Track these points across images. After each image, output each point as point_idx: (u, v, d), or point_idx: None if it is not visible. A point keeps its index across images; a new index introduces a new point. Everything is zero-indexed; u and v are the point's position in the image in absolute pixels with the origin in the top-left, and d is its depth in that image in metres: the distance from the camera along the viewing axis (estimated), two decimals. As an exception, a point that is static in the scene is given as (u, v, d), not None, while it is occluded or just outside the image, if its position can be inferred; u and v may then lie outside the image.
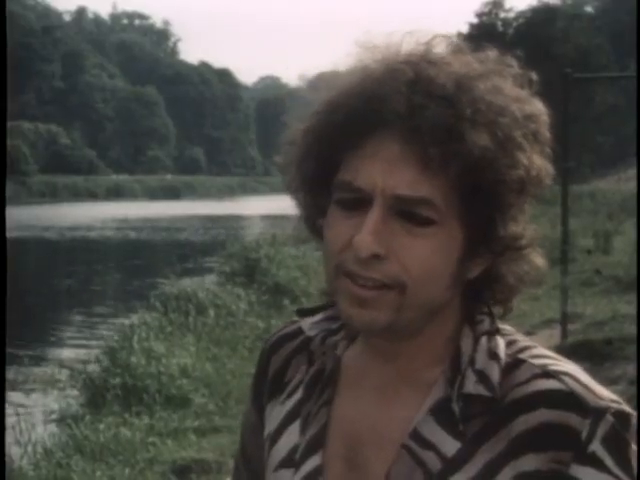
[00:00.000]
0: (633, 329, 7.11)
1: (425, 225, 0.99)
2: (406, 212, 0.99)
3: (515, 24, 51.04)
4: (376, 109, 1.00)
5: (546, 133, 1.04)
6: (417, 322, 1.04)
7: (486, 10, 52.11)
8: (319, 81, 1.10)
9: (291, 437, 1.15)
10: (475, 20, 50.92)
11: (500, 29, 49.87)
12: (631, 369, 6.72)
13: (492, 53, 1.05)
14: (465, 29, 46.40)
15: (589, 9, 71.47)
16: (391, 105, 0.99)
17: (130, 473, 6.29)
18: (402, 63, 1.01)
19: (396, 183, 0.99)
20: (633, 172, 20.05)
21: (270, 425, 1.19)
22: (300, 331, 1.21)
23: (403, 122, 0.98)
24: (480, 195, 1.00)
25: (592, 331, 8.49)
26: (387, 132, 1.00)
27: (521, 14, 52.09)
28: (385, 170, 0.99)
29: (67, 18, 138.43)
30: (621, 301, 9.82)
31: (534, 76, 1.05)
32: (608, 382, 6.53)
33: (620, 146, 38.72)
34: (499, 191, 1.00)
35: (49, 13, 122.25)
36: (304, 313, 1.22)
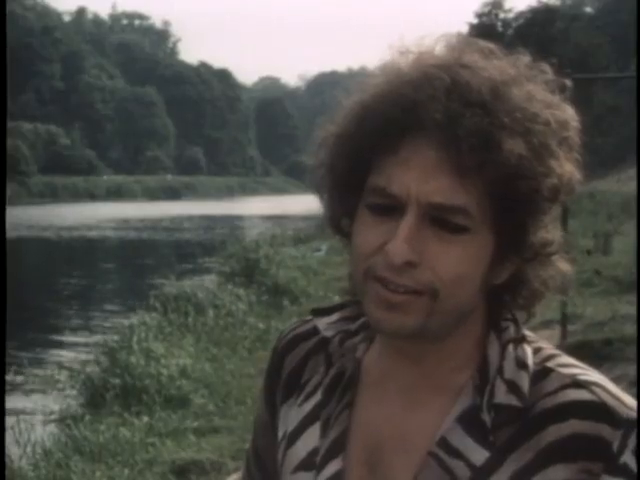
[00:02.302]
0: (633, 330, 7.11)
1: (458, 232, 0.99)
2: (439, 219, 0.99)
3: (515, 24, 51.10)
4: (413, 115, 0.99)
5: (576, 139, 1.04)
6: (446, 327, 1.03)
7: (486, 10, 52.20)
8: (351, 83, 1.09)
9: (310, 440, 1.13)
10: (475, 20, 51.00)
11: (500, 29, 49.92)
12: (631, 370, 6.71)
13: (524, 57, 1.04)
14: (465, 29, 46.40)
15: (589, 9, 71.54)
16: (428, 112, 0.98)
17: (129, 473, 6.29)
18: (437, 68, 1.00)
19: (431, 191, 0.98)
20: (633, 173, 20.08)
21: (286, 426, 1.17)
22: (315, 331, 1.19)
23: (440, 129, 0.98)
24: (514, 203, 0.99)
25: (592, 332, 8.49)
26: (423, 138, 0.99)
27: (521, 14, 52.18)
28: (420, 177, 0.98)
29: (67, 18, 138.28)
30: (621, 302, 9.82)
31: (567, 82, 1.05)
32: (608, 383, 6.51)
33: (620, 147, 38.73)
34: (533, 199, 0.99)
35: (49, 13, 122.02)
36: (319, 313, 1.20)
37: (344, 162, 1.05)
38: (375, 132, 1.01)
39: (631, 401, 1.04)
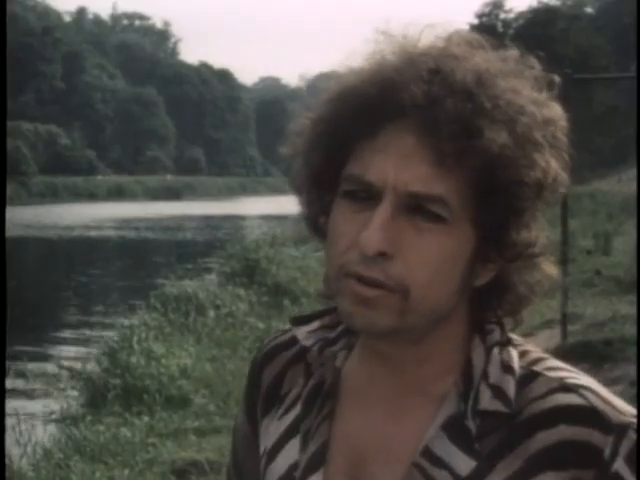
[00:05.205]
0: (633, 330, 7.11)
1: (435, 222, 0.94)
2: (416, 207, 0.94)
3: (515, 25, 51.08)
4: (392, 98, 0.95)
5: (563, 138, 0.99)
6: (422, 327, 0.99)
7: (486, 11, 52.22)
8: (332, 72, 1.04)
9: (290, 454, 1.08)
10: (475, 21, 50.95)
11: (500, 30, 49.88)
12: (631, 370, 6.71)
13: (514, 52, 1.01)
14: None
15: (589, 10, 71.46)
16: (409, 94, 0.94)
17: (129, 474, 6.29)
18: (420, 54, 0.97)
19: (409, 179, 0.94)
20: (633, 173, 20.08)
21: (266, 441, 1.13)
22: (295, 340, 1.14)
23: (420, 113, 0.93)
24: (495, 196, 0.95)
25: (592, 332, 8.49)
26: (402, 123, 0.95)
27: (521, 15, 52.19)
28: (398, 164, 0.94)
29: (67, 18, 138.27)
30: (621, 302, 9.82)
31: (556, 78, 1.01)
32: (608, 383, 6.52)
33: (620, 147, 38.72)
34: (515, 192, 0.95)
35: (49, 13, 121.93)
36: (298, 321, 1.14)
37: (321, 150, 1.00)
38: (353, 117, 0.97)
39: (623, 405, 0.99)
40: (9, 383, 9.34)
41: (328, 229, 1.00)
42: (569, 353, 7.46)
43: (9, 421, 7.59)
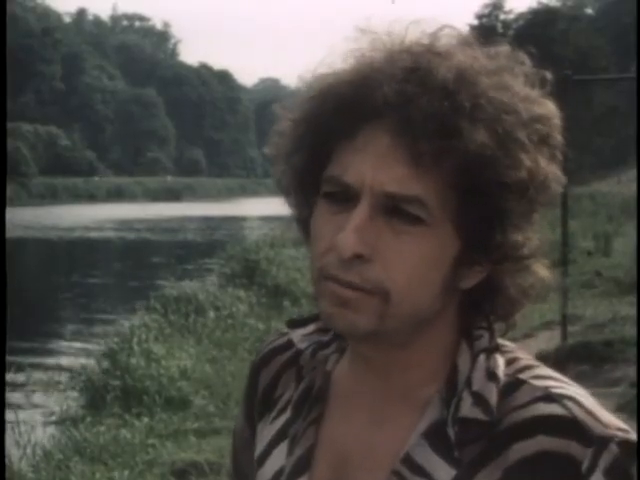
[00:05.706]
0: (633, 331, 7.11)
1: (413, 224, 0.92)
2: (394, 209, 0.92)
3: (515, 26, 51.07)
4: (369, 97, 0.93)
5: (557, 137, 0.96)
6: (404, 331, 0.96)
7: (486, 12, 52.20)
8: (314, 71, 1.02)
9: (278, 459, 1.07)
10: (475, 22, 50.96)
11: (500, 31, 49.88)
12: (631, 371, 6.71)
13: (504, 49, 0.98)
14: (465, 31, 46.36)
15: (589, 11, 71.47)
16: (382, 92, 0.91)
17: (129, 475, 6.29)
18: (401, 52, 0.95)
19: (385, 179, 0.92)
20: (633, 174, 20.09)
21: (259, 446, 1.11)
22: (291, 344, 1.13)
23: (394, 112, 0.91)
24: (476, 196, 0.92)
25: (592, 333, 8.50)
26: (380, 123, 0.93)
27: (521, 16, 52.16)
28: (375, 165, 0.92)
29: (67, 19, 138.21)
30: (621, 303, 9.83)
31: (548, 75, 0.98)
32: (608, 384, 6.53)
33: (620, 148, 38.71)
34: (497, 193, 0.92)
35: (49, 14, 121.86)
36: (295, 324, 1.14)
37: (302, 152, 0.99)
38: (331, 117, 0.95)
39: (608, 418, 0.95)
40: (9, 383, 9.34)
41: (311, 231, 0.99)
42: (569, 354, 7.47)
43: (9, 422, 7.59)
